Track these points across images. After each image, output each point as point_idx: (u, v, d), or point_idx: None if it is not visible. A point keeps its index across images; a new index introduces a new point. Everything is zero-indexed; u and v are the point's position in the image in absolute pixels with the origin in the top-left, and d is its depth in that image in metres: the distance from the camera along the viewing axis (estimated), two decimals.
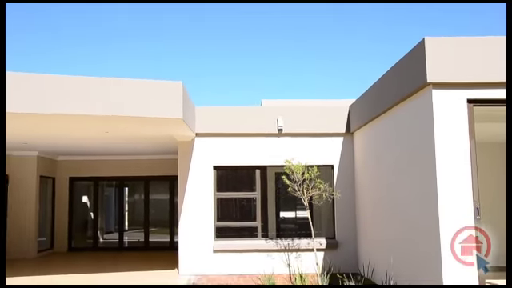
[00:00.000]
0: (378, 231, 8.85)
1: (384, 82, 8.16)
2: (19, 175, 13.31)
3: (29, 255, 13.10)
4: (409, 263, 7.16)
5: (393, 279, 7.67)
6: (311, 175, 9.01)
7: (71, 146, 12.44)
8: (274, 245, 10.23)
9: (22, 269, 11.22)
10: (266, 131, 10.50)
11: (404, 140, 7.41)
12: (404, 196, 7.41)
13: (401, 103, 7.40)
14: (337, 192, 9.94)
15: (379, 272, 8.52)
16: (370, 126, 9.19)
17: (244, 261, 10.17)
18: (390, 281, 7.73)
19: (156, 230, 14.99)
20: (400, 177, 7.59)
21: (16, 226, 13.17)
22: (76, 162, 14.79)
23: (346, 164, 10.55)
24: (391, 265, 7.84)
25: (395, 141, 7.84)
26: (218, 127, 10.49)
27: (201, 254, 10.20)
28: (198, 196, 10.38)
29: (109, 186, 16.01)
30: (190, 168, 10.44)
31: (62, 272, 10.74)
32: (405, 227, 7.36)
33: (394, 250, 7.82)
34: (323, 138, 10.59)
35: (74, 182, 14.97)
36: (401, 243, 7.53)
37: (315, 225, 10.03)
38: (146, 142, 11.53)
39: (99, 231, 15.29)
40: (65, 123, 8.48)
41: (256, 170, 10.68)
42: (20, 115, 7.50)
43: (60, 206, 14.71)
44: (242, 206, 10.84)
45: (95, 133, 9.74)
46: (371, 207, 9.28)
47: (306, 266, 9.89)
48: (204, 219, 10.33)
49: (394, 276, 7.66)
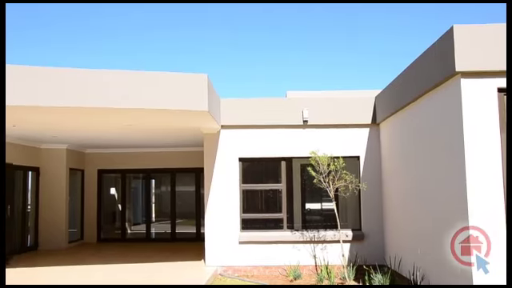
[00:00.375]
0: (405, 223, 8.75)
1: (411, 72, 8.03)
2: (50, 168, 13.61)
3: (60, 246, 13.42)
4: (437, 255, 7.06)
5: (420, 271, 7.59)
6: (337, 166, 8.96)
7: (99, 139, 12.66)
8: (299, 236, 10.24)
9: (55, 259, 11.51)
10: (292, 123, 10.47)
11: (432, 131, 7.29)
12: (432, 187, 7.31)
13: (428, 93, 7.27)
14: (363, 183, 9.86)
15: (406, 264, 8.44)
16: (397, 116, 9.07)
17: (270, 252, 10.21)
18: (417, 272, 7.65)
19: (182, 221, 15.16)
20: (428, 168, 7.48)
21: (47, 218, 13.50)
22: (104, 154, 15.05)
23: (372, 155, 10.45)
24: (419, 257, 7.75)
25: (423, 132, 7.72)
26: (244, 119, 10.51)
27: (227, 245, 10.28)
28: (224, 188, 10.44)
29: (136, 178, 16.25)
30: (216, 160, 10.50)
31: (92, 262, 10.98)
32: (433, 219, 7.26)
33: (422, 241, 7.72)
34: (349, 129, 10.50)
35: (103, 175, 15.25)
36: (428, 235, 7.43)
37: (341, 216, 9.98)
38: (172, 135, 11.65)
39: (127, 223, 15.54)
40: (91, 117, 8.64)
41: (281, 161, 10.68)
42: (48, 109, 7.67)
43: (89, 198, 15.02)
44: (267, 197, 10.86)
45: (121, 126, 9.89)
46: (398, 199, 9.18)
47: (332, 258, 9.88)
48: (230, 211, 10.39)
49: (421, 268, 7.58)
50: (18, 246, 12.32)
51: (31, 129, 10.50)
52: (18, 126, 10.00)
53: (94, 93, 7.56)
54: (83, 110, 7.87)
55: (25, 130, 10.75)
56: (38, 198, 13.49)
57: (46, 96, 7.43)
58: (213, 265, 10.13)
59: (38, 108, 7.62)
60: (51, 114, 8.33)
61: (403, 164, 8.83)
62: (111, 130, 10.59)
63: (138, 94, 7.68)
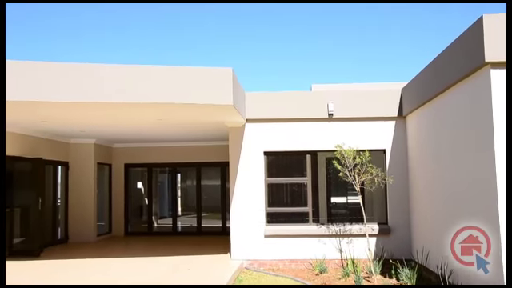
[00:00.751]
0: (432, 217, 8.62)
1: (439, 63, 7.88)
2: (78, 162, 13.88)
3: (89, 239, 13.70)
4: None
5: (447, 266, 7.48)
6: (363, 160, 8.88)
7: (126, 134, 12.84)
8: (325, 230, 10.20)
9: (84, 251, 11.77)
10: (317, 116, 10.41)
11: (461, 123, 7.15)
12: (460, 181, 7.18)
13: (457, 84, 7.13)
14: (389, 177, 9.75)
15: (434, 258, 8.33)
16: (424, 109, 8.92)
17: (295, 246, 10.20)
18: (445, 267, 7.54)
19: (208, 215, 15.28)
20: (456, 161, 7.35)
21: (77, 212, 13.79)
22: (130, 149, 15.25)
23: (399, 148, 10.31)
24: (447, 251, 7.62)
25: (451, 124, 7.57)
26: (268, 113, 10.50)
27: (252, 238, 10.32)
28: (249, 181, 10.47)
29: (162, 172, 16.44)
30: (241, 154, 10.53)
31: (120, 255, 11.18)
32: (461, 213, 7.14)
33: (450, 236, 7.58)
34: (374, 122, 10.39)
35: (129, 169, 15.47)
36: (457, 229, 7.30)
37: (367, 210, 9.90)
38: (197, 129, 11.72)
39: (154, 216, 15.74)
40: (119, 111, 8.77)
41: (306, 155, 10.64)
42: (77, 104, 7.81)
43: (116, 192, 15.26)
44: (292, 191, 10.85)
45: (148, 120, 10.01)
46: (425, 192, 9.05)
47: (358, 252, 9.82)
48: (255, 204, 10.42)
49: (449, 263, 7.46)
50: (49, 239, 12.63)
51: (60, 124, 10.72)
52: (47, 122, 10.23)
53: (121, 88, 7.66)
54: (110, 105, 7.99)
55: (54, 126, 10.99)
56: (67, 192, 13.78)
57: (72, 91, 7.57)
58: (238, 258, 10.18)
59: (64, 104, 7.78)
60: (77, 109, 8.49)
61: (430, 157, 8.69)
62: (138, 124, 10.73)
63: (163, 88, 7.75)
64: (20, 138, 11.28)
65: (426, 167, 8.96)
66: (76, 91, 7.54)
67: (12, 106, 7.85)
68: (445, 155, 7.88)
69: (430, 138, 8.75)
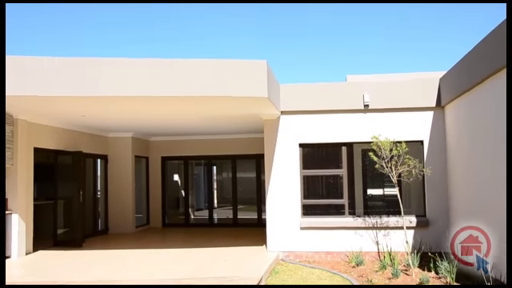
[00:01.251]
0: (473, 209, 8.42)
1: (480, 51, 7.65)
2: (117, 155, 14.21)
3: (128, 230, 14.03)
4: (505, 244, 6.76)
5: (490, 260, 7.30)
6: (399, 151, 8.76)
7: (162, 127, 13.06)
8: (361, 222, 10.12)
9: (123, 242, 12.08)
10: (352, 107, 10.32)
11: (503, 112, 6.94)
12: (502, 173, 6.98)
13: (499, 72, 6.91)
14: (427, 168, 9.58)
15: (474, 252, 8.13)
16: (464, 98, 8.70)
17: (331, 238, 10.17)
18: (485, 258, 7.36)
19: (244, 207, 15.39)
20: (498, 152, 7.14)
21: (116, 204, 14.14)
22: (167, 142, 15.50)
23: (437, 139, 10.11)
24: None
25: (494, 113, 7.36)
26: (303, 104, 10.46)
27: (288, 230, 10.35)
28: (285, 174, 10.48)
29: (198, 164, 16.63)
30: (276, 146, 10.55)
31: (158, 246, 11.41)
32: (503, 208, 6.95)
33: (491, 230, 7.40)
34: (411, 112, 10.21)
35: (166, 162, 15.73)
36: (498, 223, 7.13)
37: (404, 202, 9.76)
38: (232, 122, 11.81)
39: (190, 208, 15.98)
40: (156, 105, 8.93)
41: (342, 146, 10.56)
42: (116, 98, 8.02)
43: (153, 184, 15.56)
44: (328, 183, 10.80)
45: (185, 114, 10.15)
46: (466, 184, 8.84)
47: (395, 244, 9.71)
48: (291, 196, 10.43)
49: (490, 257, 7.29)
50: (90, 230, 13.02)
51: (100, 117, 11.00)
52: (86, 116, 10.52)
53: (159, 81, 7.81)
54: (148, 99, 8.16)
55: (93, 120, 11.28)
56: (106, 185, 14.15)
57: (112, 86, 7.77)
58: (274, 250, 10.23)
59: (104, 98, 8.00)
60: (116, 103, 8.70)
61: (471, 148, 8.48)
62: (174, 118, 10.90)
63: (198, 81, 7.84)
64: (62, 133, 11.63)
65: (467, 158, 8.76)
66: (116, 85, 7.74)
67: (56, 101, 8.13)
68: (485, 147, 7.69)
69: (470, 128, 8.53)
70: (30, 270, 8.89)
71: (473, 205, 8.41)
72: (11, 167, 9.88)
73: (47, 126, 11.04)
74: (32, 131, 10.45)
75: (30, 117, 10.19)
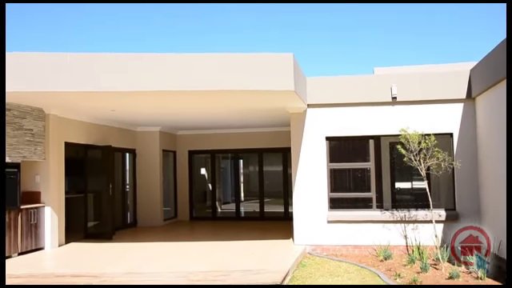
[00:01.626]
0: (505, 203, 8.24)
1: (506, 46, 7.45)
2: (145, 149, 14.41)
3: (156, 223, 14.24)
4: None
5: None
6: (428, 144, 8.63)
7: (189, 121, 13.18)
8: (389, 216, 10.03)
9: (153, 235, 12.27)
10: (380, 100, 10.20)
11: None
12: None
13: None
14: (457, 161, 9.41)
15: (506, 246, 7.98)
16: (496, 89, 8.48)
17: (358, 232, 10.11)
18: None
19: (270, 200, 15.43)
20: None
21: (144, 197, 14.36)
22: (194, 136, 15.63)
23: (467, 131, 9.91)
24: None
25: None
26: (330, 97, 10.39)
27: (315, 224, 10.33)
28: (311, 167, 10.45)
29: (225, 158, 16.73)
30: (303, 139, 10.52)
31: (187, 239, 11.56)
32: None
33: None
34: (441, 104, 10.03)
35: (193, 155, 15.87)
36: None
37: (433, 195, 9.62)
38: (259, 115, 11.83)
39: (217, 202, 16.10)
40: (187, 100, 9.03)
41: (369, 139, 10.46)
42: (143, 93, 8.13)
43: (181, 178, 15.73)
44: (355, 176, 10.72)
45: (214, 108, 10.23)
46: (497, 178, 8.65)
47: (424, 238, 9.58)
48: (317, 190, 10.40)
49: None
50: (119, 223, 13.26)
51: (128, 112, 11.18)
52: (116, 111, 10.70)
53: (189, 75, 7.91)
54: (181, 94, 8.27)
55: (122, 114, 11.47)
56: (135, 178, 14.37)
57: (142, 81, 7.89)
58: (301, 243, 10.23)
59: (134, 93, 8.13)
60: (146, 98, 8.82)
61: (503, 140, 8.28)
62: (202, 112, 10.98)
63: (228, 75, 7.90)
64: (91, 127, 11.86)
65: (498, 151, 8.56)
66: (149, 80, 7.88)
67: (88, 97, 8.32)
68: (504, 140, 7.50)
69: (502, 120, 8.33)
70: (63, 261, 9.12)
71: (503, 198, 8.22)
72: (43, 161, 10.14)
73: (77, 121, 11.27)
74: (62, 126, 10.69)
75: (61, 112, 10.42)
